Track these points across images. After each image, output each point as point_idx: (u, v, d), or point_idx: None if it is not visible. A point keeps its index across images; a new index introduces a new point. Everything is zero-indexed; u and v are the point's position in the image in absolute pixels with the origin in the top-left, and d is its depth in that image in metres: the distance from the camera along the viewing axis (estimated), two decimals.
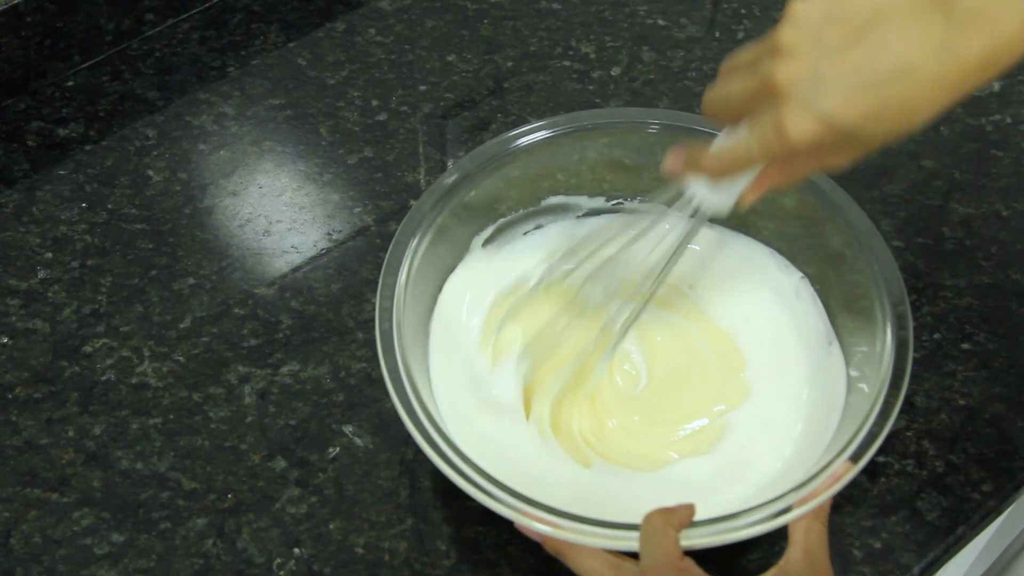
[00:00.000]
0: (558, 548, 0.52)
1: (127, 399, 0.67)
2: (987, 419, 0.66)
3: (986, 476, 0.64)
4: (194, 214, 0.76)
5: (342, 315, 0.71)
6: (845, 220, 0.63)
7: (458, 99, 0.82)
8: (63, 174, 0.78)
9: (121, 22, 0.84)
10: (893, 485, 0.63)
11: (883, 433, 0.54)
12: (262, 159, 0.79)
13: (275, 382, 0.67)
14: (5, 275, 0.73)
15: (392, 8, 0.88)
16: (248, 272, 0.73)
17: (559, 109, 0.81)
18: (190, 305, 0.71)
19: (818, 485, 0.52)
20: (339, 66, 0.84)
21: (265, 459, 0.64)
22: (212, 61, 0.85)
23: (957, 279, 0.72)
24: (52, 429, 0.66)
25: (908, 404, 0.66)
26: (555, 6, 0.89)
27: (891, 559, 0.61)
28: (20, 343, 0.70)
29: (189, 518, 0.62)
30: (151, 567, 0.61)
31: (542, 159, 0.68)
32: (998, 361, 0.68)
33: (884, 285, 0.60)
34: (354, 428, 0.66)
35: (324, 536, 0.62)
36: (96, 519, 0.62)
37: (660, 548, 0.48)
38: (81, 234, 0.75)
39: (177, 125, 0.81)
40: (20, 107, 0.82)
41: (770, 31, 0.46)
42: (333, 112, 0.81)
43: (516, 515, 0.52)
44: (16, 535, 0.62)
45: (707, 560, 0.50)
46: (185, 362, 0.69)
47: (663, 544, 0.48)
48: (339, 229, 0.75)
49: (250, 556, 0.61)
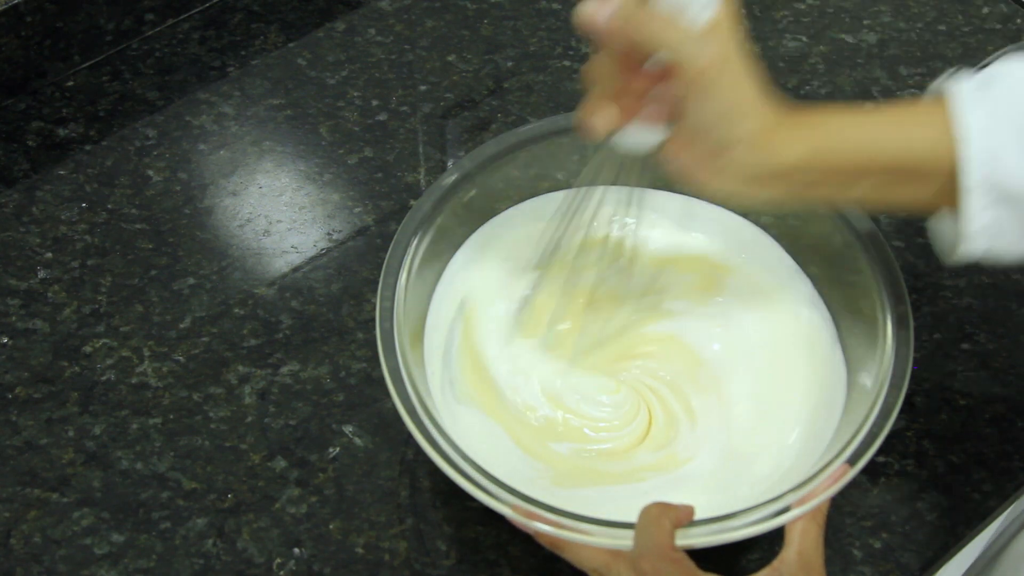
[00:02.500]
0: (555, 541, 0.52)
1: (127, 399, 0.67)
2: (987, 419, 0.66)
3: (986, 476, 0.64)
4: (194, 214, 0.76)
5: (342, 315, 0.71)
6: (845, 220, 0.63)
7: (458, 99, 0.82)
8: (63, 174, 0.78)
9: (121, 22, 0.84)
10: (893, 485, 0.63)
11: (882, 434, 0.54)
12: (262, 159, 0.79)
13: (275, 382, 0.67)
14: (5, 275, 0.73)
15: (392, 8, 0.88)
16: (248, 272, 0.73)
17: (559, 109, 0.81)
18: (190, 305, 0.71)
19: (816, 486, 0.52)
20: (339, 66, 0.84)
21: (265, 459, 0.64)
22: (212, 61, 0.85)
23: (957, 279, 0.72)
24: (52, 429, 0.66)
25: (908, 404, 0.66)
26: (555, 6, 0.89)
27: (891, 559, 0.61)
28: (20, 343, 0.70)
29: (189, 518, 0.62)
30: (151, 567, 0.61)
31: (542, 159, 0.68)
32: (998, 361, 0.68)
33: (884, 285, 0.60)
34: (354, 428, 0.66)
35: (324, 536, 0.62)
36: (96, 519, 0.62)
37: (654, 537, 0.49)
38: (81, 234, 0.75)
39: (177, 125, 0.81)
40: (20, 107, 0.82)
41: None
42: (333, 112, 0.81)
43: (517, 514, 0.52)
44: (16, 535, 0.62)
45: (707, 560, 0.50)
46: (185, 362, 0.69)
47: (657, 533, 0.49)
48: (339, 229, 0.75)
49: (250, 556, 0.61)
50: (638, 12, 0.47)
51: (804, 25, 0.87)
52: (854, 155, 0.48)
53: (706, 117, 0.47)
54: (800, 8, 0.89)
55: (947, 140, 0.47)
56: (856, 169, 0.49)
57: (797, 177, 0.49)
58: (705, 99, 0.47)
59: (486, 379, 0.64)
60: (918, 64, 0.85)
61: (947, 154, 0.47)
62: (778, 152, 0.48)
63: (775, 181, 0.49)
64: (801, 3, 0.89)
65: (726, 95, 0.47)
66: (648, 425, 0.63)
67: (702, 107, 0.47)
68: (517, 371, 0.64)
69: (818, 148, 0.48)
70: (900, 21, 0.88)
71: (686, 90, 0.47)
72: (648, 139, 0.52)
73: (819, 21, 0.88)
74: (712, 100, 0.47)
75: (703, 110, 0.47)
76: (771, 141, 0.48)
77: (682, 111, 0.48)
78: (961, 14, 0.88)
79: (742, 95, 0.47)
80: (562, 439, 0.62)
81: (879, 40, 0.86)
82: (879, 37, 0.87)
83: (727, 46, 0.47)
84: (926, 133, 0.48)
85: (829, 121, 0.49)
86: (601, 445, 0.62)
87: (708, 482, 0.60)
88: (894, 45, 0.86)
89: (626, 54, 0.49)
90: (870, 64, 0.85)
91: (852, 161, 0.48)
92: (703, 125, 0.48)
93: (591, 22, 0.48)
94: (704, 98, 0.47)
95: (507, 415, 0.62)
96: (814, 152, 0.48)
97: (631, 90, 0.50)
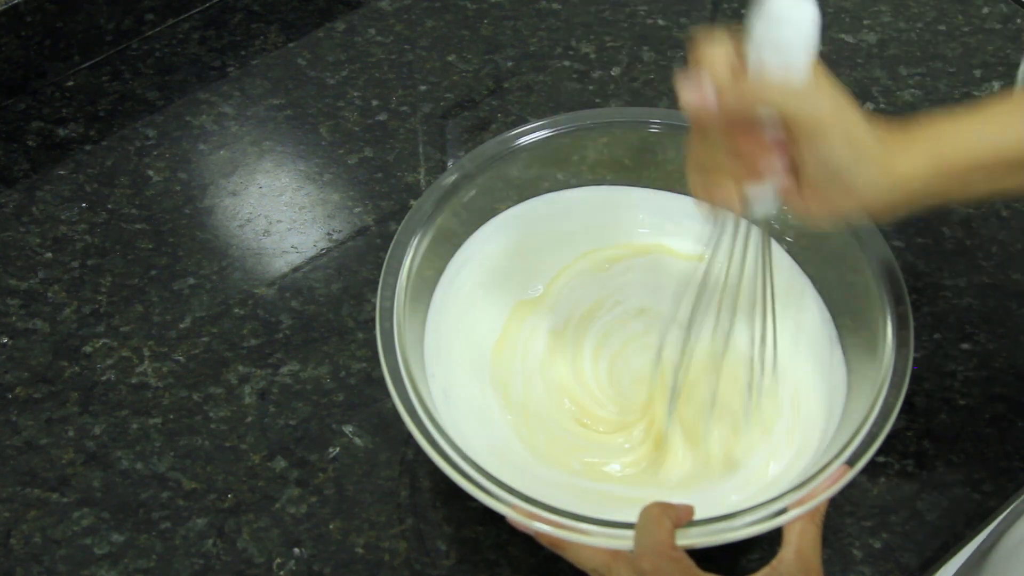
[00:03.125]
0: (555, 541, 0.52)
1: (127, 399, 0.67)
2: (987, 419, 0.66)
3: (986, 476, 0.64)
4: (194, 214, 0.76)
5: (342, 315, 0.71)
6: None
7: (458, 99, 0.82)
8: (63, 174, 0.78)
9: (121, 22, 0.84)
10: (893, 485, 0.63)
11: (882, 435, 0.54)
12: (262, 159, 0.79)
13: (275, 382, 0.67)
14: (5, 275, 0.73)
15: (392, 8, 0.88)
16: (248, 272, 0.73)
17: (559, 109, 0.81)
18: (190, 305, 0.71)
19: (815, 487, 0.52)
20: (339, 66, 0.84)
21: (265, 459, 0.64)
22: (212, 61, 0.85)
23: (957, 279, 0.72)
24: (52, 429, 0.66)
25: (908, 404, 0.66)
26: (555, 6, 0.89)
27: (891, 559, 0.61)
28: (20, 343, 0.70)
29: (189, 518, 0.62)
30: (151, 567, 0.61)
31: (542, 159, 0.68)
32: (998, 361, 0.68)
33: (884, 285, 0.60)
34: (354, 428, 0.66)
35: (324, 536, 0.62)
36: (96, 519, 0.62)
37: (654, 535, 0.49)
38: (81, 234, 0.75)
39: (177, 125, 0.81)
40: (20, 107, 0.82)
41: None
42: (333, 112, 0.81)
43: (517, 514, 0.52)
44: (16, 535, 0.62)
45: (707, 559, 0.50)
46: (185, 362, 0.69)
47: (657, 532, 0.49)
48: (339, 229, 0.75)
49: (250, 556, 0.61)
50: (747, 83, 0.48)
51: None
52: (970, 158, 0.50)
53: (832, 161, 0.49)
54: None
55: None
56: (972, 168, 0.51)
57: (921, 189, 0.51)
58: (826, 145, 0.48)
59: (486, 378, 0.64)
60: (918, 64, 0.85)
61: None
62: (903, 173, 0.50)
63: (901, 195, 0.51)
64: None
65: (845, 136, 0.48)
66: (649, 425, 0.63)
67: (826, 153, 0.48)
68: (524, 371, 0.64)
69: (938, 158, 0.50)
70: (900, 21, 0.88)
71: (807, 141, 0.48)
72: (768, 203, 0.53)
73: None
74: (834, 144, 0.48)
75: (827, 155, 0.49)
76: (894, 164, 0.50)
77: (804, 162, 0.49)
78: (961, 14, 0.88)
79: (858, 131, 0.49)
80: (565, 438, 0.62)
81: (879, 40, 0.86)
82: (879, 37, 0.87)
83: (833, 91, 0.48)
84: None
85: (940, 130, 0.51)
86: (603, 443, 0.62)
87: (706, 482, 0.60)
88: (894, 45, 0.86)
89: (730, 126, 0.50)
90: (870, 64, 0.85)
91: (968, 163, 0.50)
92: (830, 169, 0.49)
93: (701, 106, 0.49)
94: (825, 144, 0.48)
95: (507, 414, 0.63)
96: (935, 163, 0.50)
97: (740, 159, 0.51)
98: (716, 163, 0.52)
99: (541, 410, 0.63)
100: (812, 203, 0.51)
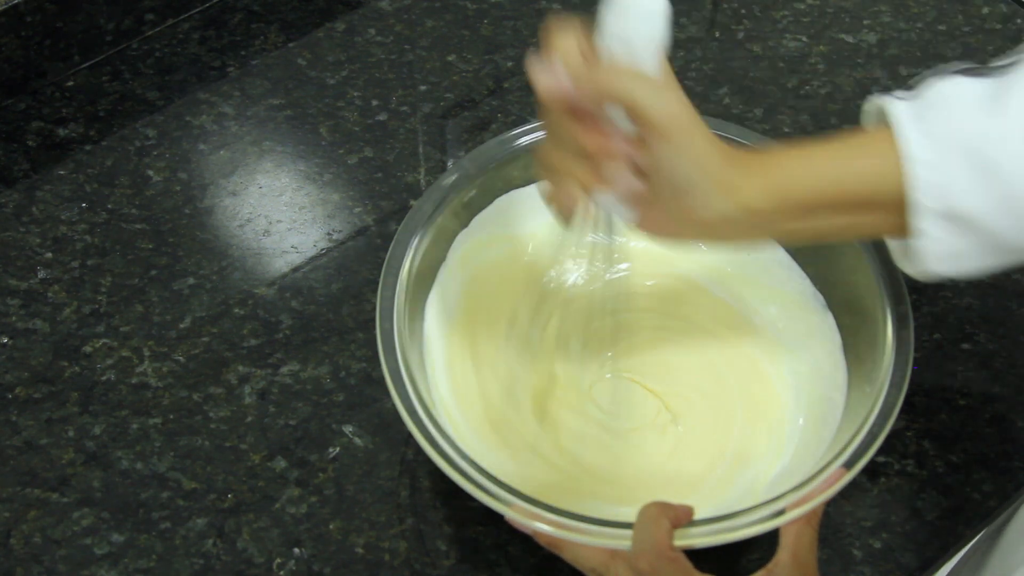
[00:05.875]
0: (553, 541, 0.52)
1: (127, 399, 0.67)
2: (987, 419, 0.66)
3: (986, 476, 0.64)
4: (194, 214, 0.76)
5: (342, 315, 0.71)
6: None
7: (458, 99, 0.82)
8: (63, 174, 0.78)
9: (121, 22, 0.84)
10: (893, 485, 0.63)
11: (882, 435, 0.54)
12: (262, 159, 0.79)
13: (275, 382, 0.67)
14: (5, 275, 0.73)
15: (392, 8, 0.88)
16: (248, 272, 0.73)
17: None
18: (190, 305, 0.71)
19: (813, 488, 0.52)
20: (339, 66, 0.84)
21: (265, 459, 0.64)
22: (212, 61, 0.85)
23: (957, 279, 0.72)
24: (52, 429, 0.66)
25: (908, 404, 0.66)
26: (555, 6, 0.89)
27: (891, 559, 0.61)
28: (20, 343, 0.70)
29: (189, 518, 0.62)
30: (151, 567, 0.61)
31: None
32: (998, 361, 0.68)
33: (884, 285, 0.60)
34: (354, 428, 0.66)
35: (324, 536, 0.62)
36: (96, 519, 0.62)
37: (652, 536, 0.49)
38: (81, 234, 0.75)
39: (177, 125, 0.81)
40: (20, 107, 0.82)
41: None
42: (333, 112, 0.81)
43: (516, 514, 0.52)
44: (16, 535, 0.62)
45: (705, 560, 0.50)
46: (185, 362, 0.69)
47: (655, 532, 0.49)
48: (339, 229, 0.75)
49: (250, 556, 0.61)
50: (601, 69, 0.47)
51: (804, 25, 0.87)
52: (812, 191, 0.48)
53: (678, 172, 0.47)
54: (800, 8, 0.89)
55: (896, 170, 0.47)
56: (816, 204, 0.48)
57: (766, 222, 0.49)
58: (674, 150, 0.46)
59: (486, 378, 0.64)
60: (918, 64, 0.85)
61: (898, 184, 0.47)
62: (746, 201, 0.48)
63: (742, 224, 0.49)
64: (801, 3, 0.89)
65: (692, 147, 0.47)
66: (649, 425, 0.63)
67: (674, 160, 0.47)
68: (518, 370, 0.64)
69: (779, 187, 0.48)
70: (900, 21, 0.88)
71: (657, 142, 0.47)
72: (613, 212, 0.52)
73: (819, 21, 0.88)
74: (681, 152, 0.46)
75: (674, 165, 0.47)
76: (738, 189, 0.48)
77: (651, 170, 0.48)
78: (961, 14, 0.88)
79: (706, 146, 0.47)
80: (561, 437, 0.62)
81: (879, 40, 0.86)
82: (879, 37, 0.87)
83: (684, 97, 0.47)
84: (875, 164, 0.47)
85: (785, 160, 0.49)
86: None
87: (706, 482, 0.60)
88: (894, 45, 0.86)
89: (579, 118, 0.48)
90: (870, 64, 0.85)
91: (811, 197, 0.48)
92: (675, 183, 0.47)
93: (555, 88, 0.47)
94: (672, 149, 0.46)
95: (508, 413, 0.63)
96: (779, 194, 0.48)
97: (588, 163, 0.50)
98: (566, 166, 0.50)
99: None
100: (657, 220, 0.50)
